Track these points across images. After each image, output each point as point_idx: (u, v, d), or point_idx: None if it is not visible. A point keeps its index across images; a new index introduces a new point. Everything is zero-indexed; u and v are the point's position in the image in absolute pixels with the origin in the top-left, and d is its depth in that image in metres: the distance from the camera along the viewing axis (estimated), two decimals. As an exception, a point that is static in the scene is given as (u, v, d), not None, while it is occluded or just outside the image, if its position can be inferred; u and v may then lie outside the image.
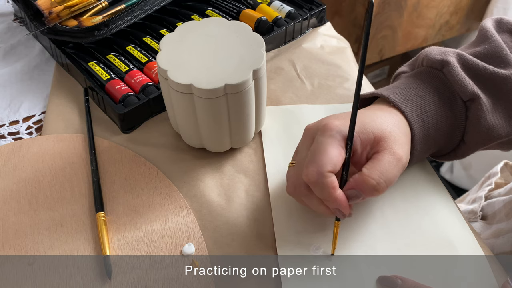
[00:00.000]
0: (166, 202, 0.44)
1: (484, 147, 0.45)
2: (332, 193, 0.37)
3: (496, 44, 0.44)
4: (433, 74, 0.43)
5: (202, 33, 0.45)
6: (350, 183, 0.38)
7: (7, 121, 0.53)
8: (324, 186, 0.36)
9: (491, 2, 1.38)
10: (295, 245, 0.41)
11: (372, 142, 0.39)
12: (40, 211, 0.43)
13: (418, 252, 0.41)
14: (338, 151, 0.37)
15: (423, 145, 0.42)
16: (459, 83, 0.42)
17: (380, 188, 0.37)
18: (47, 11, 0.55)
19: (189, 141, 0.48)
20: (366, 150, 0.39)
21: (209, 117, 0.43)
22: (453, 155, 0.46)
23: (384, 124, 0.40)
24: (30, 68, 0.59)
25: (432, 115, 0.42)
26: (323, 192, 0.37)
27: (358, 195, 0.37)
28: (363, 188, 0.37)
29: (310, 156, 0.38)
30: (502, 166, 0.68)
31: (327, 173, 0.36)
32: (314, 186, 0.37)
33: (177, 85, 0.41)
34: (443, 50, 0.44)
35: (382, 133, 0.39)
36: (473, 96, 0.42)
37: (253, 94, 0.43)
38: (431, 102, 0.42)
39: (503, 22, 0.47)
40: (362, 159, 0.39)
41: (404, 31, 1.34)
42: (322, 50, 0.60)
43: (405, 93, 0.43)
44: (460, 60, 0.43)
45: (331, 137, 0.38)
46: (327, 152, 0.37)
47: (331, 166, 0.37)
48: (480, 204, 0.62)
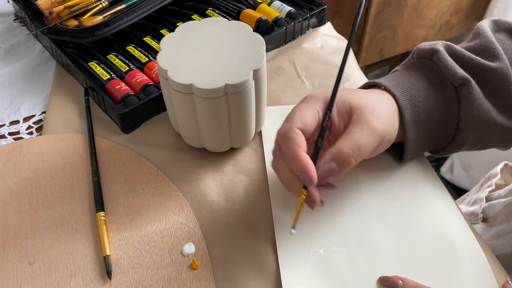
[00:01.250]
0: (166, 202, 0.44)
1: (481, 132, 0.44)
2: (296, 150, 0.37)
3: (486, 39, 0.45)
4: (423, 64, 0.45)
5: (202, 33, 0.45)
6: (326, 157, 0.38)
7: (7, 121, 0.53)
8: (291, 140, 0.37)
9: (491, 2, 1.38)
10: (295, 244, 0.41)
11: (349, 112, 0.40)
12: (40, 211, 0.43)
13: (418, 252, 0.41)
14: (311, 112, 0.39)
15: (414, 129, 0.42)
16: (449, 68, 0.43)
17: (354, 156, 0.37)
18: (47, 11, 0.55)
19: (189, 141, 0.48)
20: (343, 120, 0.40)
21: (209, 117, 0.43)
22: (452, 146, 0.46)
23: (364, 97, 0.41)
24: (31, 68, 0.59)
25: (423, 100, 0.43)
26: (288, 148, 0.37)
27: (334, 169, 0.37)
28: (337, 159, 0.37)
29: (286, 118, 0.40)
30: (502, 167, 0.68)
31: (295, 128, 0.38)
32: (282, 140, 0.38)
33: (177, 85, 0.41)
34: (432, 42, 0.45)
35: (357, 103, 0.40)
36: (463, 81, 0.42)
37: (253, 94, 0.43)
38: (422, 88, 0.43)
39: (500, 21, 0.48)
40: (341, 129, 0.40)
41: (404, 31, 1.34)
42: (322, 50, 0.60)
43: (397, 80, 0.44)
44: (448, 50, 0.44)
45: (308, 102, 0.40)
46: (300, 111, 0.39)
47: (301, 122, 0.38)
48: (481, 205, 0.62)
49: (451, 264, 0.40)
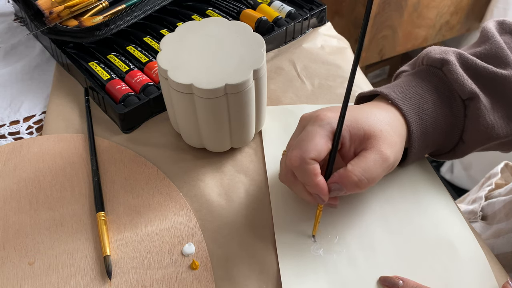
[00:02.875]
0: (167, 202, 0.44)
1: (483, 146, 0.45)
2: (313, 179, 0.38)
3: (497, 44, 0.44)
4: (432, 73, 0.44)
5: (202, 33, 0.45)
6: (334, 177, 0.39)
7: (7, 121, 0.53)
8: (306, 171, 0.37)
9: (491, 3, 1.38)
10: (295, 245, 0.41)
11: (362, 138, 0.39)
12: (40, 211, 0.43)
13: (419, 253, 0.41)
14: (324, 141, 0.38)
15: (420, 142, 0.42)
16: (458, 82, 0.42)
17: (361, 185, 0.38)
18: (47, 11, 0.55)
19: (189, 141, 0.48)
20: (354, 145, 0.40)
21: (209, 117, 0.43)
22: (452, 155, 0.46)
23: (378, 122, 0.40)
24: (31, 68, 0.59)
25: (430, 113, 0.42)
26: (305, 178, 0.38)
27: (341, 189, 0.38)
28: (345, 183, 0.38)
29: (297, 142, 0.39)
30: (502, 167, 0.68)
31: (309, 159, 0.37)
32: (297, 171, 0.38)
33: (178, 85, 0.41)
34: (443, 49, 0.44)
35: (373, 130, 0.39)
36: (472, 95, 0.42)
37: (254, 94, 0.43)
38: (430, 100, 0.42)
39: (505, 23, 0.47)
40: (350, 153, 0.40)
41: (405, 31, 1.34)
42: (323, 50, 0.60)
43: (404, 91, 0.43)
44: (460, 59, 0.43)
45: (320, 127, 0.39)
46: (313, 140, 0.38)
47: (314, 153, 0.37)
48: (480, 204, 0.62)
49: (451, 264, 0.40)
